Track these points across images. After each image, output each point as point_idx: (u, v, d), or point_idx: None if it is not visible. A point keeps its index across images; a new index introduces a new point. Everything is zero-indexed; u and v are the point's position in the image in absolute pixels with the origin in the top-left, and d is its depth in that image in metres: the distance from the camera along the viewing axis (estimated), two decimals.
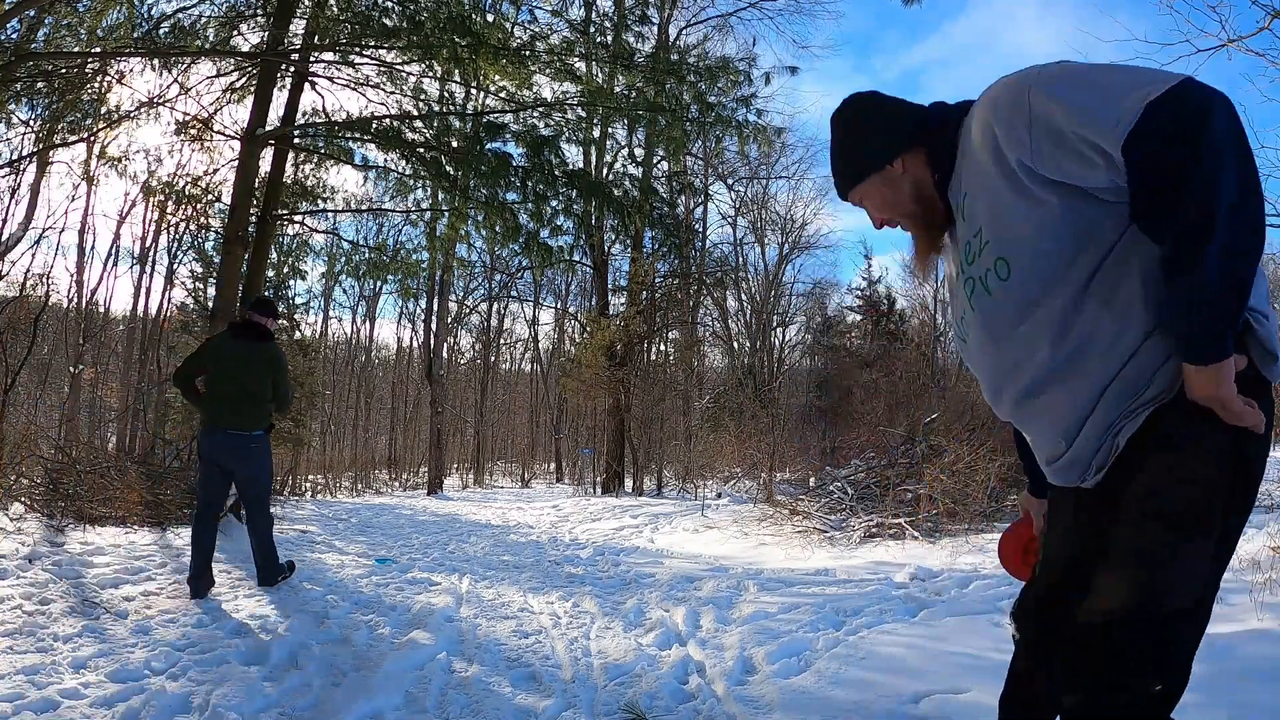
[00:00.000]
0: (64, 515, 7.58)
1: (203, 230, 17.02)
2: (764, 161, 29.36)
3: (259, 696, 3.27)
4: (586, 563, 8.02)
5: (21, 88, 9.69)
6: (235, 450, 5.61)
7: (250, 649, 3.99)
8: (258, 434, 5.68)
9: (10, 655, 3.59)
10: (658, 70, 11.59)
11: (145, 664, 3.59)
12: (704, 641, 4.41)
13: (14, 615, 4.25)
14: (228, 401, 5.58)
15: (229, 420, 5.56)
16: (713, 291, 27.88)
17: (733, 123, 12.00)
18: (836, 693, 3.29)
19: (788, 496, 10.72)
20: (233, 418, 5.57)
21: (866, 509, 8.71)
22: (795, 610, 4.97)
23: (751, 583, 6.00)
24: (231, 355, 5.64)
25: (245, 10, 10.58)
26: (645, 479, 20.53)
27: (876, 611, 4.77)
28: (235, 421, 5.58)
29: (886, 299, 27.61)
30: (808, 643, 4.12)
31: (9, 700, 3.05)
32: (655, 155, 22.60)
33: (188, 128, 11.15)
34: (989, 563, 6.25)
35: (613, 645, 4.44)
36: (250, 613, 4.91)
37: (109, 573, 5.66)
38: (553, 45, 11.07)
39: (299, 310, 21.56)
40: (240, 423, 5.59)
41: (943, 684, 3.24)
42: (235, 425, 5.58)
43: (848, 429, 15.48)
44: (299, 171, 12.68)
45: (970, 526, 7.51)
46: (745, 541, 9.02)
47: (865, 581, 5.90)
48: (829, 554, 7.66)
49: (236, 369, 5.61)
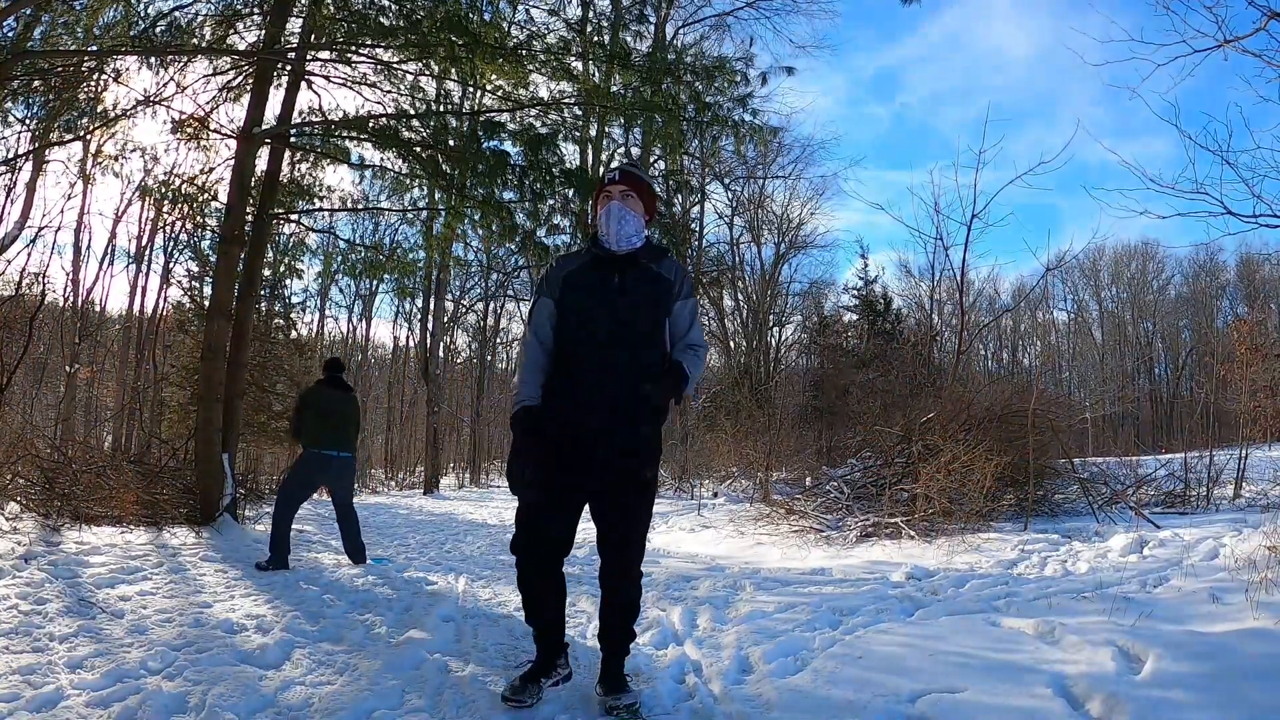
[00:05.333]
0: (60, 515, 7.56)
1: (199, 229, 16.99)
2: (760, 161, 29.41)
3: (255, 696, 3.26)
4: (582, 561, 7.97)
5: (18, 86, 9.66)
6: (333, 467, 7.52)
7: (247, 648, 3.98)
8: (347, 455, 7.60)
9: (6, 655, 3.58)
10: (654, 69, 11.59)
11: (142, 663, 3.58)
12: (701, 641, 4.40)
13: (10, 615, 4.24)
14: (327, 432, 7.45)
15: (330, 444, 7.46)
16: (709, 291, 27.85)
17: (729, 122, 12.02)
18: (833, 692, 3.29)
19: (784, 496, 10.73)
20: (332, 443, 7.47)
21: (863, 508, 8.73)
22: (792, 610, 4.97)
23: (748, 582, 6.01)
24: (328, 399, 7.61)
25: (242, 9, 10.54)
26: None
27: (873, 611, 4.78)
28: (335, 446, 7.49)
29: (882, 298, 27.65)
30: (805, 642, 4.11)
31: (5, 700, 3.04)
32: (652, 154, 22.61)
33: (184, 126, 11.10)
34: (985, 561, 6.26)
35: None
36: (247, 612, 4.90)
37: (105, 572, 5.65)
38: (549, 44, 11.06)
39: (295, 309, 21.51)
40: (339, 447, 7.53)
41: (939, 683, 3.24)
42: (335, 448, 7.49)
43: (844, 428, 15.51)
44: (295, 170, 12.63)
45: (966, 526, 7.51)
46: (742, 541, 9.03)
47: (862, 581, 5.91)
48: (825, 553, 7.66)
49: (332, 410, 7.55)
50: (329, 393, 7.69)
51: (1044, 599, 4.72)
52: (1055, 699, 3.00)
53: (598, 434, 3.20)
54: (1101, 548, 6.31)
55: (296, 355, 19.35)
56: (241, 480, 11.12)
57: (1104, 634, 3.59)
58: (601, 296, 3.24)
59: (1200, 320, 43.71)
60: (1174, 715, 2.71)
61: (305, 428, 7.52)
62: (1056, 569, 5.85)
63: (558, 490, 3.25)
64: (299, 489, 7.62)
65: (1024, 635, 3.86)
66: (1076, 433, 18.17)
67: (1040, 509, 8.34)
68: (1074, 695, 3.03)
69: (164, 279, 24.41)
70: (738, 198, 31.80)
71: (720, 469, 17.88)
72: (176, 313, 19.27)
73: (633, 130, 21.58)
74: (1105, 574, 5.39)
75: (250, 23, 10.71)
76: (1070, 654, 3.46)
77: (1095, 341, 48.50)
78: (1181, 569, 5.29)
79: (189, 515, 8.75)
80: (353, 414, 7.79)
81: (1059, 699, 3.00)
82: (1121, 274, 48.20)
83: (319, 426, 7.48)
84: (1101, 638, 3.53)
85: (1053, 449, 9.34)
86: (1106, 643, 3.45)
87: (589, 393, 3.20)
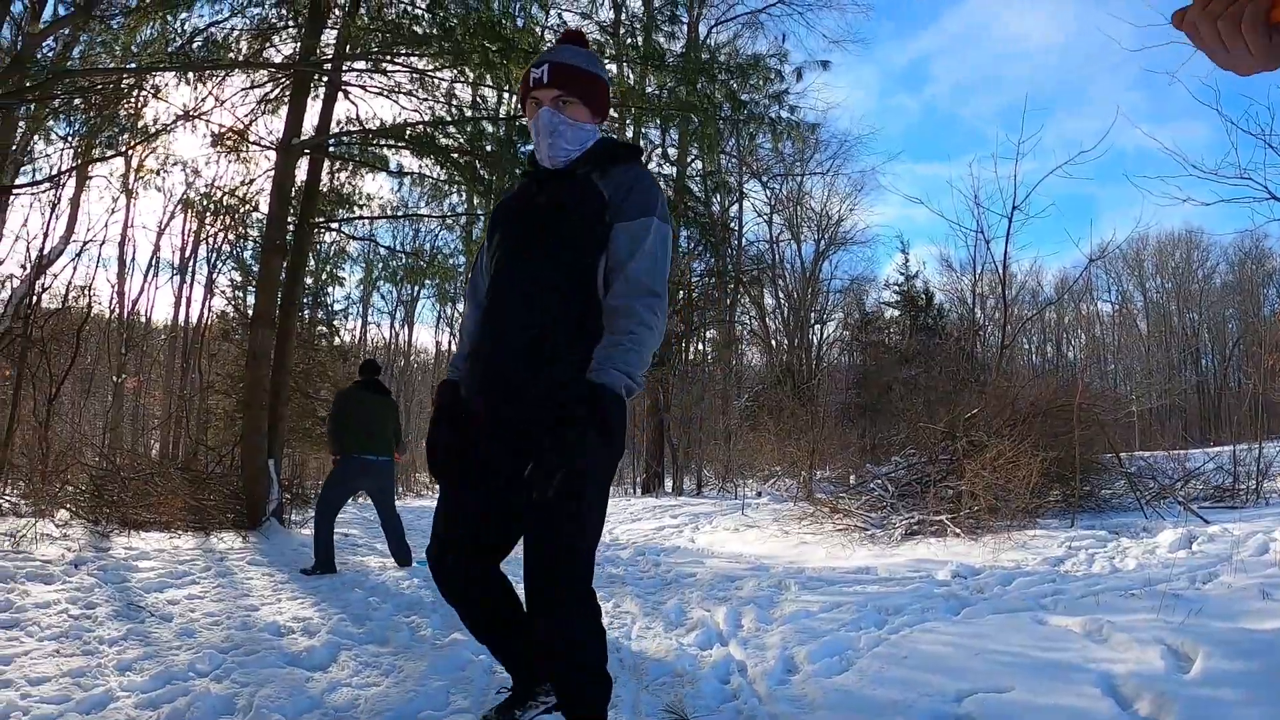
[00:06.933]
0: (109, 521, 7.70)
1: (241, 240, 17.23)
2: (798, 158, 29.23)
3: (302, 697, 3.27)
4: (627, 563, 8.00)
5: (59, 104, 9.84)
6: (371, 472, 7.56)
7: (294, 650, 4.01)
8: (385, 459, 7.57)
9: (57, 658, 3.63)
10: (689, 69, 11.56)
11: (190, 666, 3.61)
12: (745, 641, 4.35)
13: (60, 619, 4.30)
14: (364, 437, 7.44)
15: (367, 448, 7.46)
16: (749, 290, 27.72)
17: (765, 119, 11.98)
18: (879, 692, 3.24)
19: (828, 495, 10.63)
20: (370, 447, 7.47)
21: (907, 506, 8.62)
22: (837, 609, 4.91)
23: (793, 582, 5.95)
24: (365, 403, 7.58)
25: (277, 22, 10.67)
26: (685, 479, 20.51)
27: (918, 610, 4.70)
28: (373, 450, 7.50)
29: (924, 293, 27.37)
30: (850, 642, 4.05)
31: (56, 702, 3.08)
32: (689, 154, 22.57)
33: (224, 140, 11.27)
34: (1031, 559, 6.15)
35: (653, 645, 4.40)
36: (293, 615, 4.93)
37: (153, 577, 5.72)
38: None
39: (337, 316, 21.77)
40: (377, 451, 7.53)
41: (985, 682, 3.18)
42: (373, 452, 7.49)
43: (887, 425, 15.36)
44: (335, 179, 12.78)
45: (1012, 523, 7.39)
46: (786, 540, 8.96)
47: (907, 580, 5.83)
48: (870, 552, 7.58)
49: (368, 414, 7.53)
50: (365, 396, 7.68)
51: (1091, 596, 4.62)
52: (1103, 698, 2.92)
53: (496, 408, 2.37)
54: (1149, 544, 6.18)
55: (340, 361, 19.56)
56: (287, 485, 11.24)
57: (1152, 632, 3.50)
58: (512, 228, 2.45)
59: (1247, 309, 42.66)
60: (1224, 715, 2.64)
61: (342, 432, 7.50)
62: (1104, 566, 5.73)
63: (466, 482, 2.43)
64: (338, 494, 7.64)
65: (1071, 634, 3.78)
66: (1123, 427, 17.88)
67: (1087, 505, 8.20)
68: (1122, 694, 2.96)
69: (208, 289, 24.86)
70: (776, 195, 31.58)
71: (764, 468, 17.78)
72: (220, 322, 19.59)
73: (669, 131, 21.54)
74: (1153, 570, 5.27)
75: (285, 36, 10.85)
76: (1118, 652, 3.38)
77: (1140, 333, 47.60)
78: (1231, 565, 5.16)
79: (235, 520, 8.86)
80: (390, 417, 7.76)
81: (1107, 698, 2.93)
82: (1166, 263, 47.20)
83: (356, 431, 7.47)
84: (1150, 636, 3.45)
85: (1099, 444, 9.17)
86: (1155, 641, 3.37)
87: (485, 361, 2.42)
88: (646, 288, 2.22)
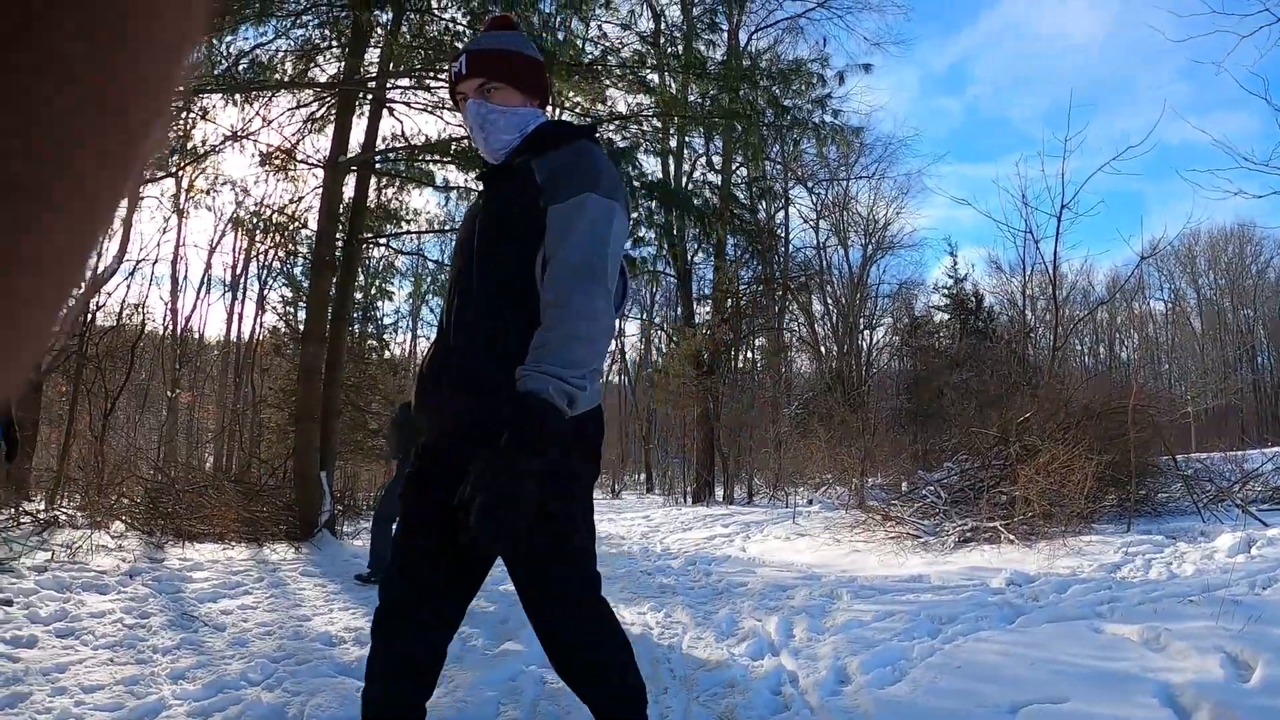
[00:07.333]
0: (163, 532, 7.81)
1: (291, 256, 17.47)
2: (843, 162, 29.04)
3: (353, 707, 3.26)
4: (678, 573, 7.94)
5: None
6: None
7: (345, 660, 4.01)
8: None
9: (112, 666, 3.67)
10: (730, 77, 11.51)
11: (242, 675, 3.63)
12: (797, 651, 4.28)
13: (115, 628, 4.36)
14: None
15: None
16: (798, 296, 27.60)
17: (809, 125, 11.90)
18: (932, 702, 3.16)
19: (880, 502, 10.49)
20: None
21: (960, 513, 8.46)
22: (889, 618, 4.82)
23: (844, 591, 5.85)
24: None
25: (320, 43, 10.82)
26: (735, 487, 20.40)
27: (972, 618, 4.59)
28: None
29: (973, 296, 27.01)
30: (902, 651, 3.97)
31: (110, 710, 3.11)
32: (734, 162, 22.51)
33: (272, 159, 11.45)
34: (1087, 565, 6.00)
35: (705, 655, 4.36)
36: (345, 625, 4.95)
37: (207, 587, 5.79)
38: (624, 59, 11.05)
39: (387, 330, 21.99)
40: None
41: (1041, 693, 3.10)
42: None
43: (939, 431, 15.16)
44: (382, 195, 12.92)
45: (1067, 529, 7.21)
46: (838, 549, 8.84)
47: (960, 588, 5.71)
48: (923, 560, 7.45)
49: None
50: None
51: (1149, 603, 4.48)
52: (1162, 709, 2.85)
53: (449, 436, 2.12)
54: (1207, 548, 5.99)
55: (390, 375, 19.74)
56: (339, 497, 11.35)
57: (1211, 639, 3.40)
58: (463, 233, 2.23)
59: None
60: None
61: (399, 445, 7.59)
62: (1161, 572, 5.57)
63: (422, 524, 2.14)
64: (396, 504, 7.68)
65: (1128, 642, 3.67)
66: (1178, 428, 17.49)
67: (1143, 509, 7.97)
68: (1181, 705, 2.88)
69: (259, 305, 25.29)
70: (822, 201, 31.42)
71: (814, 476, 17.63)
72: (272, 337, 19.89)
73: (714, 139, 21.51)
74: (1212, 576, 5.11)
75: (329, 55, 11.00)
76: (1177, 661, 3.29)
77: (1194, 331, 46.56)
78: None
79: (288, 532, 8.95)
80: None
81: (1166, 709, 2.85)
82: (1218, 259, 46.20)
83: (411, 443, 7.55)
84: (1209, 643, 3.35)
85: (1154, 446, 8.93)
86: (1214, 649, 3.27)
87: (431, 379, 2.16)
88: (579, 272, 1.90)
